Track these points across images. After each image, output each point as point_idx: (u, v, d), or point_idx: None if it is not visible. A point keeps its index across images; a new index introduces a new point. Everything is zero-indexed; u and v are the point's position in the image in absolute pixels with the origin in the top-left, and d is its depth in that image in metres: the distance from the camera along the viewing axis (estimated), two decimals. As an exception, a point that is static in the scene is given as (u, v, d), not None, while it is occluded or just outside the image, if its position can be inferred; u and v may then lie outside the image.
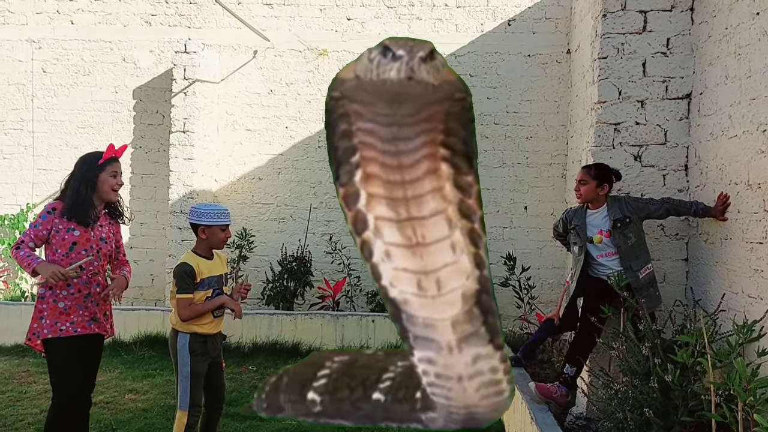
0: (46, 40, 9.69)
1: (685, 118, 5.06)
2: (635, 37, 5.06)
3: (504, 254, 8.57)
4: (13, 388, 6.31)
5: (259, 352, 7.77)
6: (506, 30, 9.10)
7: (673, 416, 3.67)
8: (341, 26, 9.33)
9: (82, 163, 4.11)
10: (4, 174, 9.66)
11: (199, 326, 4.15)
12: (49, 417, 4.02)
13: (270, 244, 9.26)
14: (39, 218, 4.00)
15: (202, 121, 9.14)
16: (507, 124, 9.09)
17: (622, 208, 4.72)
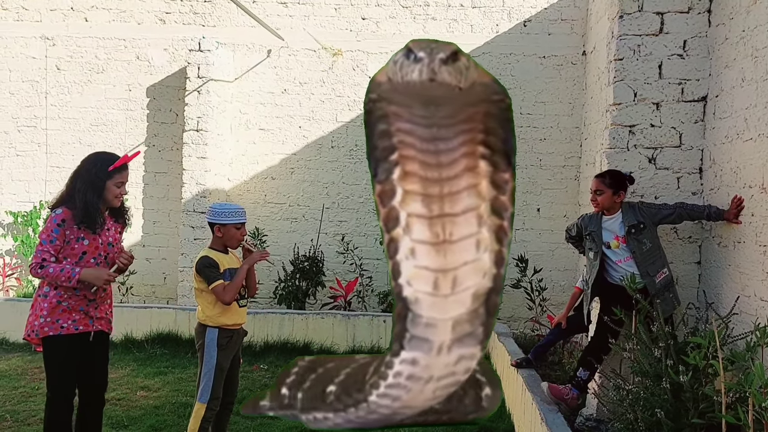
0: (60, 37, 9.75)
1: (701, 120, 5.02)
2: (652, 38, 5.03)
3: (516, 256, 8.55)
4: (25, 384, 6.35)
5: (271, 351, 7.79)
6: (521, 31, 9.08)
7: (683, 418, 3.65)
8: (356, 26, 9.34)
9: (92, 165, 4.01)
10: (18, 171, 9.73)
11: (227, 317, 4.26)
12: (49, 416, 3.96)
13: (282, 243, 9.27)
14: (50, 232, 3.88)
15: (216, 119, 9.16)
16: (521, 125, 9.06)
17: (636, 214, 4.72)
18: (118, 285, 9.08)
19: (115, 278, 4.03)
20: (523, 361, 5.80)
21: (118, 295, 9.11)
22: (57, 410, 3.93)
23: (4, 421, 5.34)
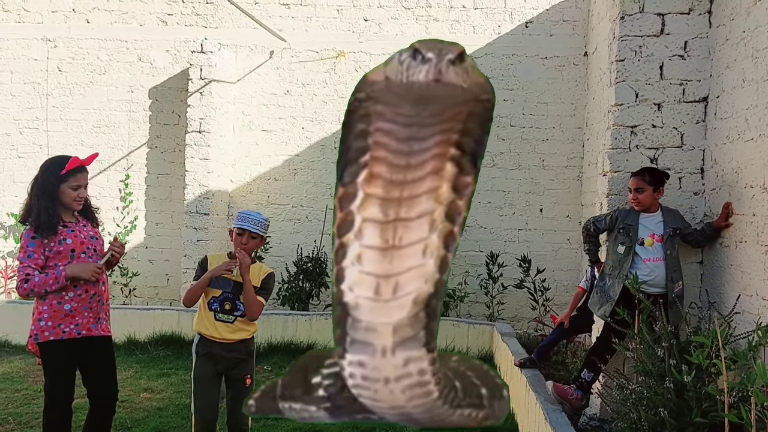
0: (61, 38, 9.77)
1: (702, 121, 5.03)
2: (653, 39, 5.04)
3: (519, 256, 8.58)
4: (28, 386, 6.37)
5: (275, 352, 7.81)
6: (523, 32, 9.09)
7: (687, 417, 3.66)
8: (358, 27, 9.35)
9: (44, 170, 3.93)
10: (20, 173, 9.74)
11: (202, 327, 4.07)
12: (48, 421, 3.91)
13: (285, 245, 9.29)
14: (26, 247, 3.81)
15: (218, 121, 9.18)
16: (523, 126, 9.08)
17: (677, 220, 4.78)
18: (120, 286, 9.10)
19: (104, 270, 3.95)
20: (526, 361, 5.81)
21: (121, 297, 9.14)
22: (56, 416, 3.89)
23: (7, 424, 5.35)
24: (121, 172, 9.70)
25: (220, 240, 9.29)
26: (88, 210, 4.13)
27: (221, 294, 4.07)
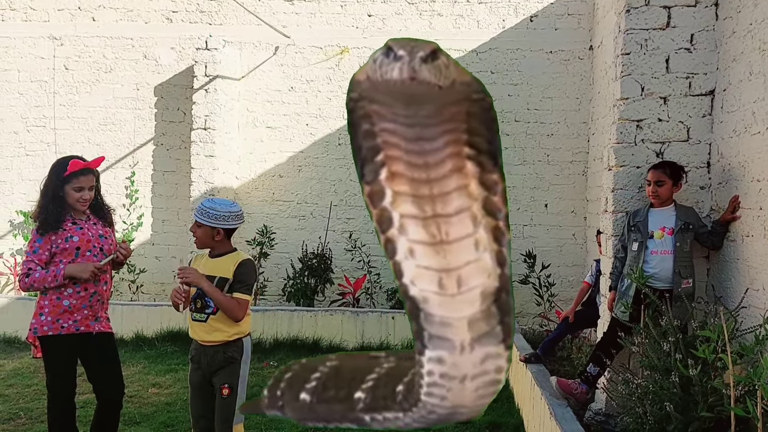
0: (67, 37, 9.79)
1: (708, 114, 5.01)
2: (659, 32, 5.02)
3: (524, 252, 8.57)
4: (37, 382, 6.40)
5: (280, 348, 7.83)
6: (528, 26, 9.07)
7: (692, 411, 3.66)
8: (362, 23, 9.35)
9: (51, 172, 4.04)
10: (28, 171, 9.78)
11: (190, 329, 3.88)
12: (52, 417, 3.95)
13: (290, 241, 9.30)
14: (33, 243, 3.90)
15: (223, 118, 9.20)
16: (528, 121, 9.07)
17: (690, 216, 4.74)
18: (128, 283, 9.13)
19: (105, 270, 3.98)
20: (531, 356, 5.81)
21: (128, 294, 9.17)
22: (59, 411, 3.93)
23: (18, 419, 5.39)
24: (128, 169, 9.73)
25: (226, 236, 9.31)
26: (100, 210, 4.18)
27: (195, 291, 3.82)
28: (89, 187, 4.01)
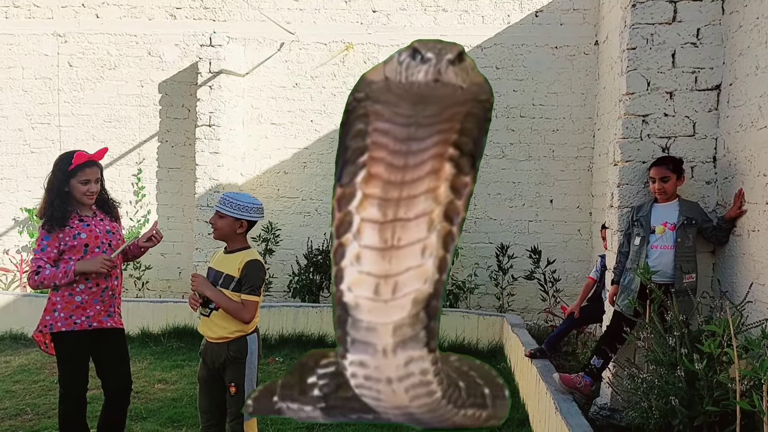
0: (71, 33, 9.80)
1: (714, 109, 5.00)
2: (665, 27, 5.01)
3: (529, 248, 8.57)
4: (44, 378, 6.44)
5: (286, 344, 7.85)
6: (533, 21, 9.05)
7: (698, 406, 3.66)
8: (366, 18, 9.34)
9: (55, 167, 4.02)
10: (33, 168, 9.81)
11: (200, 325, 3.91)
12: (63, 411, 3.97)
13: (296, 237, 9.31)
14: (41, 241, 3.89)
15: (228, 114, 9.20)
16: (533, 116, 9.05)
17: (693, 211, 4.72)
18: (134, 280, 9.15)
19: (117, 262, 3.98)
20: (536, 351, 5.81)
21: (134, 290, 9.19)
22: (70, 406, 3.95)
23: (25, 414, 5.42)
24: (133, 166, 9.74)
25: (231, 233, 9.32)
26: (106, 204, 4.17)
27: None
28: (95, 179, 4.01)
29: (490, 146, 9.07)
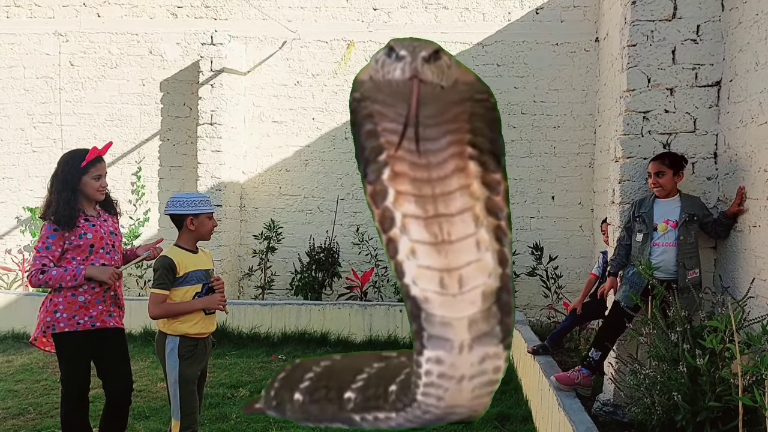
0: (73, 33, 9.81)
1: (715, 105, 5.00)
2: (665, 24, 5.01)
3: (531, 244, 8.57)
4: (47, 377, 6.45)
5: (288, 341, 7.85)
6: (534, 18, 9.05)
7: (700, 401, 3.66)
8: (367, 16, 9.34)
9: (64, 164, 3.97)
10: (35, 167, 9.82)
11: (189, 326, 3.80)
12: (65, 412, 3.97)
13: (298, 235, 9.33)
14: (46, 239, 3.84)
15: (229, 113, 9.21)
16: (534, 113, 9.05)
17: (695, 206, 4.72)
18: (135, 278, 9.17)
19: (122, 274, 4.01)
20: (539, 348, 5.82)
21: (136, 289, 9.21)
22: (72, 406, 3.95)
23: (28, 414, 5.43)
24: (134, 165, 9.75)
25: (232, 231, 9.34)
26: (107, 202, 4.17)
27: (202, 288, 3.88)
28: (104, 174, 4.03)
29: (492, 143, 9.07)
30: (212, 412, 5.38)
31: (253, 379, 6.40)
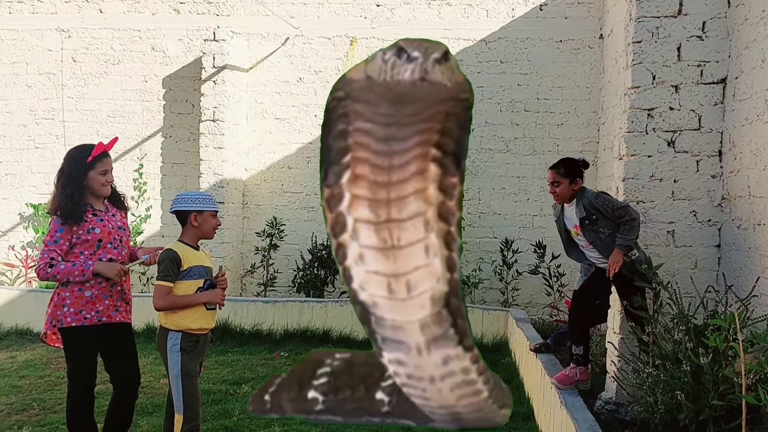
0: (75, 29, 9.80)
1: (720, 103, 4.97)
2: (670, 20, 4.98)
3: (534, 242, 8.55)
4: (50, 373, 6.46)
5: (291, 339, 7.85)
6: (538, 15, 9.02)
7: (704, 400, 3.65)
8: (370, 13, 9.32)
9: (70, 159, 3.98)
10: (37, 163, 9.82)
11: (191, 321, 3.86)
12: (71, 406, 3.99)
13: (300, 232, 9.32)
14: (54, 233, 3.86)
15: (232, 109, 9.20)
16: (538, 111, 9.03)
17: (587, 208, 4.73)
18: (138, 275, 9.17)
19: (128, 271, 4.04)
20: (541, 346, 5.81)
21: (138, 285, 9.21)
22: (78, 401, 3.96)
23: (31, 409, 5.44)
24: (136, 161, 9.75)
25: (235, 228, 9.33)
26: (115, 196, 4.19)
27: (204, 283, 3.95)
28: (110, 169, 4.06)
29: (495, 140, 9.06)
30: (215, 409, 5.38)
31: (255, 376, 6.41)
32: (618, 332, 4.91)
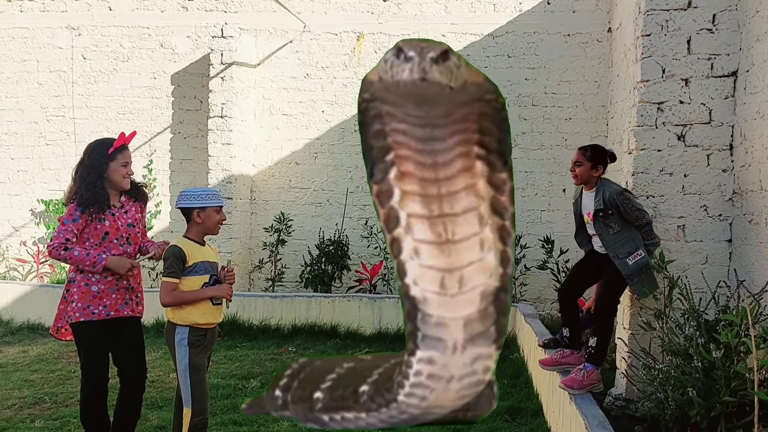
0: (85, 26, 9.83)
1: (731, 96, 4.94)
2: (680, 13, 4.95)
3: (542, 237, 8.53)
4: (62, 367, 6.50)
5: (299, 333, 7.87)
6: (545, 9, 8.98)
7: (715, 396, 3.63)
8: (377, 8, 9.30)
9: (91, 150, 4.02)
10: (48, 160, 9.87)
11: (198, 315, 3.88)
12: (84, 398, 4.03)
13: (307, 228, 9.32)
14: (72, 211, 3.89)
15: (240, 105, 9.21)
16: (546, 105, 8.99)
17: (606, 201, 4.68)
18: (147, 270, 9.20)
19: (138, 266, 4.05)
20: (550, 341, 5.78)
21: (148, 281, 9.24)
22: (90, 395, 4.01)
23: (43, 403, 5.48)
24: (145, 158, 9.78)
25: (243, 224, 9.35)
26: (135, 188, 4.21)
27: (210, 278, 3.96)
28: (131, 162, 4.10)
29: (503, 135, 9.02)
30: (223, 403, 5.39)
31: (263, 371, 6.42)
32: (628, 328, 4.89)
